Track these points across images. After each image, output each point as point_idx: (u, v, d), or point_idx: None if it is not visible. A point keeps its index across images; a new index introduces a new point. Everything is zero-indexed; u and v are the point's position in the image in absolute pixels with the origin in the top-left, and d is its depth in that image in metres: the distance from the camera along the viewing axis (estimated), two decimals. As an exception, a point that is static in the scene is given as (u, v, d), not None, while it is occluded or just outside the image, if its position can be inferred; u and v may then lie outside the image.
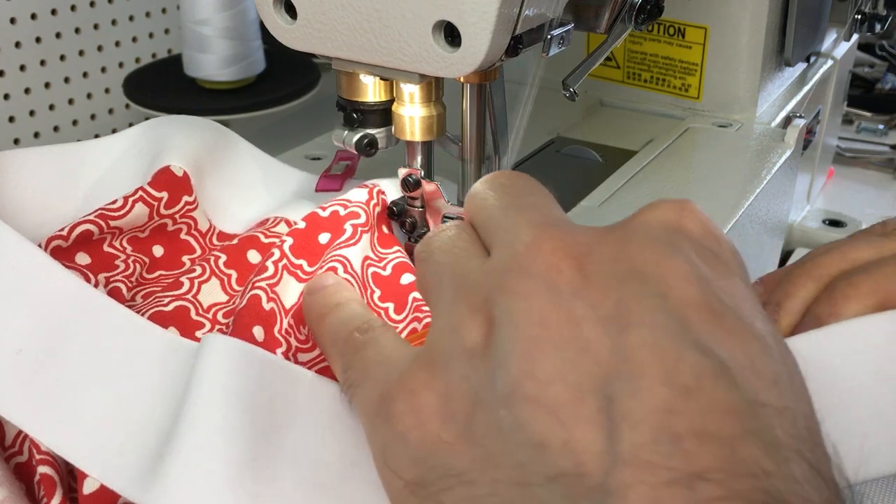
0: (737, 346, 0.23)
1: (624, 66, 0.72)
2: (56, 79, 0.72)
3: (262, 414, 0.32)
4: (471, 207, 0.31)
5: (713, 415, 0.21)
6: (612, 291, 0.24)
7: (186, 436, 0.31)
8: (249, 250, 0.46)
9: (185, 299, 0.42)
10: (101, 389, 0.35)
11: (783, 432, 0.22)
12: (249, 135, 0.71)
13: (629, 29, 0.44)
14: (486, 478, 0.23)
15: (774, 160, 0.59)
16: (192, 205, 0.49)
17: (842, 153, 0.93)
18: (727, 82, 0.68)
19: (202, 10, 0.66)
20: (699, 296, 0.24)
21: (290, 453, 0.31)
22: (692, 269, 0.24)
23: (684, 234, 0.26)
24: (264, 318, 0.40)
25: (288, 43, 0.42)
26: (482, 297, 0.26)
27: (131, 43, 0.77)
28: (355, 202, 0.46)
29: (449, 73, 0.38)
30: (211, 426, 0.31)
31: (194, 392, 0.32)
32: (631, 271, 0.25)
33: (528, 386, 0.23)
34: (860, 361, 0.29)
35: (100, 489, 0.33)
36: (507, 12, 0.36)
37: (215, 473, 0.30)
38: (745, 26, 0.66)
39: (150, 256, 0.47)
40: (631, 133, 0.67)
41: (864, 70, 1.06)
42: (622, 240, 0.26)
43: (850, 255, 0.34)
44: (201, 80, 0.69)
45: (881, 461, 0.27)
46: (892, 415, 0.28)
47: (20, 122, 0.70)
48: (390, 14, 0.38)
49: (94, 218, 0.44)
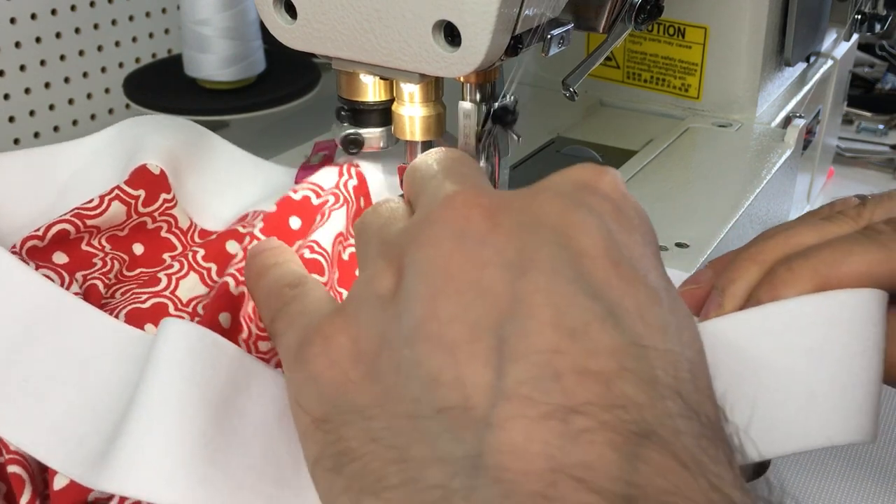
0: (627, 293, 0.24)
1: (624, 66, 0.72)
2: (56, 79, 0.72)
3: (215, 399, 0.32)
4: (406, 178, 0.32)
5: (595, 356, 0.23)
6: (516, 239, 0.25)
7: (138, 418, 0.31)
8: (228, 241, 0.46)
9: (162, 296, 0.42)
10: (67, 387, 0.36)
11: (663, 373, 0.23)
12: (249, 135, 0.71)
13: (629, 29, 0.44)
14: (385, 413, 0.25)
15: (774, 160, 0.59)
16: (170, 202, 0.49)
17: (842, 153, 0.93)
18: (727, 82, 0.68)
19: (202, 10, 0.66)
20: (597, 245, 0.25)
21: (241, 440, 0.32)
22: (593, 221, 0.26)
23: (592, 190, 0.27)
24: (232, 304, 0.41)
25: (288, 43, 0.42)
26: (398, 251, 0.27)
27: (131, 43, 0.77)
28: (328, 189, 0.46)
29: (449, 73, 0.38)
30: (162, 408, 0.31)
31: (148, 376, 0.32)
32: (535, 221, 0.26)
33: (430, 326, 0.24)
34: (793, 340, 0.30)
35: (69, 485, 0.33)
36: (507, 12, 0.36)
37: (166, 455, 0.30)
38: (745, 26, 0.66)
39: (129, 255, 0.47)
40: (631, 133, 0.67)
41: (864, 70, 1.06)
42: (533, 193, 0.27)
43: (792, 239, 0.34)
44: (201, 80, 0.69)
45: (812, 436, 0.28)
46: (823, 393, 0.28)
47: (20, 122, 0.70)
48: (390, 14, 0.38)
49: (69, 217, 0.44)
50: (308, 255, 0.43)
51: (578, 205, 0.26)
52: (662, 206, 0.52)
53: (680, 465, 0.21)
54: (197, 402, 0.31)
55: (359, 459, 0.24)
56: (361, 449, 0.24)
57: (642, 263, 0.26)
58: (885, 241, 0.32)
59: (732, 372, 0.28)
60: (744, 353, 0.29)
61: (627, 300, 0.24)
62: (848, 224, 0.35)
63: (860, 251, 0.32)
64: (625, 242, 0.26)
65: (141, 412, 0.31)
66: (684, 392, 0.23)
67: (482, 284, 0.24)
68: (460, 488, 0.22)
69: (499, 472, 0.21)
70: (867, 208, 0.36)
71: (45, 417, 0.34)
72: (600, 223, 0.26)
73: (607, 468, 0.21)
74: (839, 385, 0.29)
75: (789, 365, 0.29)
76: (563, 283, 0.24)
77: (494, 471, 0.21)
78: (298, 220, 0.45)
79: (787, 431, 0.28)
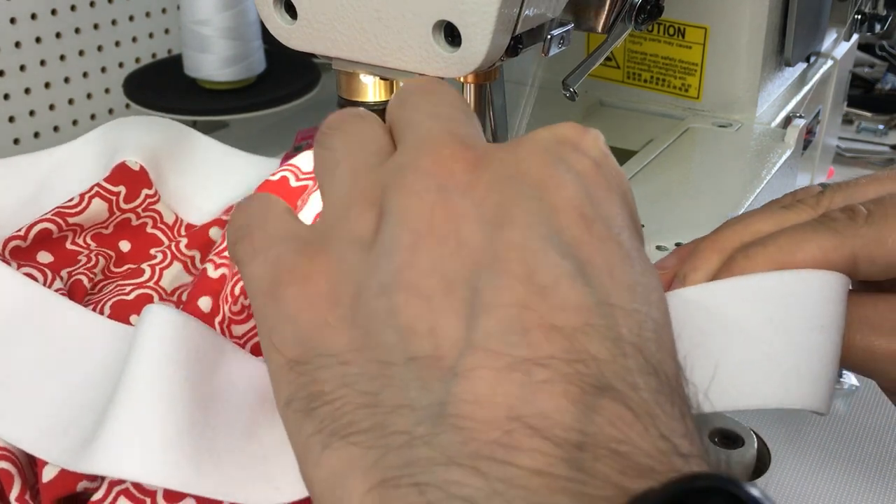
0: (599, 251, 0.25)
1: (624, 66, 0.72)
2: (56, 79, 0.72)
3: (198, 381, 0.33)
4: (392, 103, 0.32)
5: (562, 312, 0.23)
6: (495, 193, 0.26)
7: (123, 401, 0.31)
8: (211, 228, 0.47)
9: (146, 287, 0.42)
10: (51, 381, 0.36)
11: (628, 331, 0.24)
12: (249, 135, 0.71)
13: (629, 29, 0.44)
14: (359, 358, 0.25)
15: (774, 160, 0.59)
16: (153, 198, 0.49)
17: (842, 153, 0.93)
18: (727, 82, 0.68)
19: (202, 10, 0.66)
20: (572, 202, 0.26)
21: (224, 420, 0.32)
22: (571, 178, 0.26)
23: (574, 147, 0.28)
24: (212, 288, 0.41)
25: (288, 43, 0.42)
26: (378, 192, 0.27)
27: (131, 43, 0.77)
28: (307, 172, 0.46)
29: (449, 73, 0.38)
30: (146, 391, 0.31)
31: (132, 361, 0.33)
32: (515, 176, 0.26)
33: (408, 275, 0.25)
34: (755, 309, 0.31)
35: (57, 476, 0.33)
36: (507, 12, 0.36)
37: (151, 435, 0.30)
38: (745, 26, 0.66)
39: (116, 252, 0.47)
40: (631, 133, 0.67)
41: (864, 70, 1.06)
42: (515, 148, 0.28)
43: (752, 227, 0.35)
44: (201, 80, 0.69)
45: (768, 396, 0.30)
46: (781, 359, 0.30)
47: (20, 122, 0.70)
48: (390, 14, 0.38)
49: (51, 216, 0.45)
50: None
51: (558, 160, 0.27)
52: (662, 206, 0.52)
53: (634, 417, 0.22)
54: (180, 384, 0.32)
55: (330, 403, 0.25)
56: (334, 393, 0.25)
57: (616, 222, 0.27)
58: (840, 229, 0.33)
59: (696, 335, 0.30)
60: (708, 318, 0.30)
61: (598, 258, 0.25)
62: (806, 212, 0.36)
63: (815, 238, 0.33)
64: (600, 200, 0.27)
65: (126, 395, 0.32)
66: (646, 350, 0.24)
67: (459, 237, 0.25)
68: (423, 434, 0.22)
69: (460, 420, 0.22)
70: (826, 196, 0.36)
71: (31, 411, 0.35)
72: (577, 180, 0.27)
73: (562, 418, 0.22)
74: (797, 354, 0.30)
75: (751, 331, 0.30)
76: (536, 239, 0.25)
77: (456, 419, 0.22)
78: None
79: (744, 391, 0.29)
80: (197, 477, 0.31)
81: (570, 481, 0.21)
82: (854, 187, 0.36)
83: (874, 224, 0.33)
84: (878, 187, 0.36)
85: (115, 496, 0.32)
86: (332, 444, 0.24)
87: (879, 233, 0.33)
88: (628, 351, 0.23)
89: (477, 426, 0.22)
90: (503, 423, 0.22)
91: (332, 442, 0.24)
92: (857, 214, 0.33)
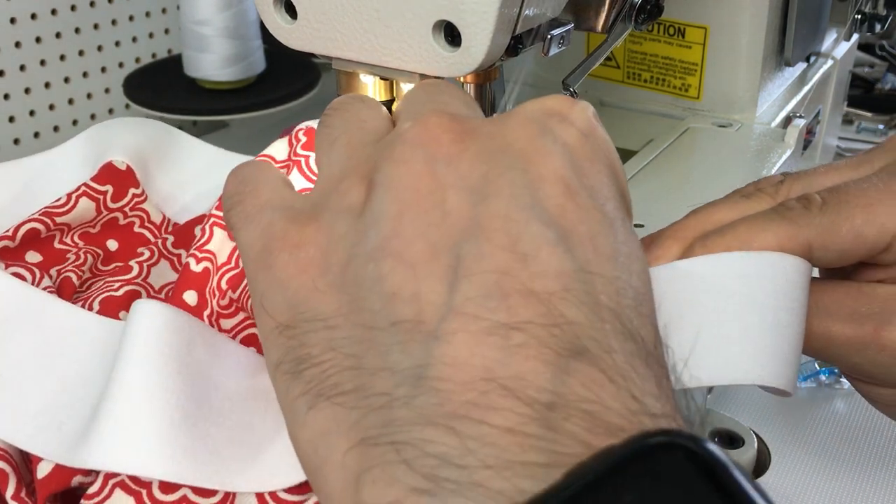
0: (581, 220, 0.26)
1: (624, 66, 0.72)
2: (56, 79, 0.72)
3: (189, 373, 0.33)
4: (399, 102, 0.34)
5: (541, 278, 0.24)
6: (481, 164, 0.26)
7: (116, 395, 0.32)
8: (196, 226, 0.47)
9: (135, 283, 0.43)
10: (43, 378, 0.36)
11: (606, 297, 0.25)
12: (249, 135, 0.71)
13: (629, 29, 0.44)
14: (346, 323, 0.26)
15: (774, 160, 0.59)
16: (140, 197, 0.49)
17: (842, 153, 0.93)
18: (727, 82, 0.68)
19: (202, 10, 0.66)
20: (556, 172, 0.26)
21: (217, 411, 0.33)
22: (557, 148, 0.27)
23: (561, 118, 0.28)
24: (196, 282, 0.41)
25: (288, 43, 0.42)
26: (371, 165, 0.28)
27: (131, 43, 0.77)
28: (281, 161, 0.46)
29: (449, 73, 0.38)
30: (139, 384, 0.32)
31: (123, 355, 0.33)
32: (502, 147, 0.27)
33: (395, 243, 0.25)
34: (727, 285, 0.32)
35: (52, 471, 0.33)
36: (507, 12, 0.36)
37: (145, 428, 0.31)
38: (745, 26, 0.66)
39: (104, 250, 0.47)
40: (631, 133, 0.67)
41: (864, 70, 1.06)
42: (504, 119, 0.28)
43: (712, 216, 0.36)
44: (201, 80, 0.69)
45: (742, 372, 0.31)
46: (753, 335, 0.31)
47: (20, 122, 0.70)
48: (390, 14, 0.38)
49: (38, 216, 0.45)
50: None
51: (545, 131, 0.28)
52: (662, 207, 0.52)
53: (607, 379, 0.23)
54: (172, 376, 0.32)
55: (317, 366, 0.26)
56: (321, 356, 0.26)
57: (601, 193, 0.27)
58: (795, 218, 0.34)
59: (675, 307, 0.31)
60: (686, 292, 0.32)
61: (581, 227, 0.26)
62: (765, 201, 0.36)
63: (771, 227, 0.34)
64: (586, 171, 0.27)
65: (118, 389, 0.32)
66: (624, 316, 0.25)
67: (445, 206, 0.26)
68: (403, 396, 0.23)
69: (438, 382, 0.23)
70: (785, 185, 0.37)
71: (24, 408, 0.35)
72: (563, 150, 0.27)
73: (536, 379, 0.22)
74: (769, 332, 0.31)
75: (725, 306, 0.31)
76: (519, 208, 0.25)
77: (435, 381, 0.23)
78: None
79: (721, 364, 0.30)
80: (192, 467, 0.31)
81: (540, 439, 0.21)
82: (813, 176, 0.37)
83: (828, 213, 0.34)
84: (836, 176, 0.36)
85: (111, 489, 0.32)
86: (317, 405, 0.25)
87: (833, 221, 0.33)
88: (605, 316, 0.24)
89: (454, 388, 0.22)
90: (479, 384, 0.22)
91: (318, 402, 0.25)
92: (811, 203, 0.34)
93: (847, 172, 0.36)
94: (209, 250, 0.42)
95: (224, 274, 0.43)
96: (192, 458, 0.31)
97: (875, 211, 0.33)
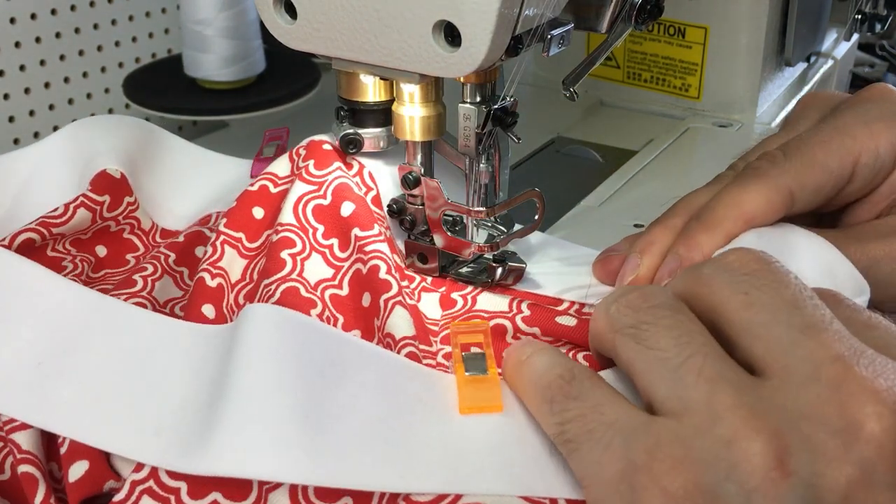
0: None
1: (624, 66, 0.72)
2: (56, 79, 0.72)
3: (310, 375, 0.33)
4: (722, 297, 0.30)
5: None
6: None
7: (237, 400, 0.32)
8: (197, 247, 0.47)
9: (140, 296, 0.43)
10: (127, 382, 0.36)
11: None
12: (249, 135, 0.71)
13: (629, 29, 0.44)
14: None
15: (774, 160, 0.59)
16: (133, 205, 0.50)
17: (842, 153, 0.93)
18: (727, 82, 0.68)
19: (202, 10, 0.66)
20: None
21: (341, 407, 0.32)
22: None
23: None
24: (212, 296, 0.42)
25: (288, 43, 0.42)
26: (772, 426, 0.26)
27: (131, 43, 0.77)
28: (283, 177, 0.47)
29: (449, 73, 0.38)
30: (261, 389, 0.32)
31: (240, 360, 0.33)
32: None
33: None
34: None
35: (86, 474, 0.33)
36: (507, 12, 0.36)
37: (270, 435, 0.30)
38: (745, 26, 0.66)
39: (94, 256, 0.48)
40: (631, 133, 0.67)
41: (864, 70, 1.06)
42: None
43: (692, 203, 0.41)
44: (201, 80, 0.69)
45: None
46: None
47: (20, 122, 0.70)
48: (390, 14, 0.38)
49: (35, 226, 0.45)
50: (275, 237, 0.43)
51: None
52: (662, 207, 0.52)
53: None
54: (294, 379, 0.32)
55: None
56: None
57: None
58: (767, 171, 0.39)
59: None
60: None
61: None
62: (731, 175, 0.42)
63: (753, 186, 0.39)
64: None
65: (236, 394, 0.32)
66: None
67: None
68: None
69: None
70: (742, 159, 0.43)
71: (115, 415, 0.35)
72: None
73: None
74: None
75: None
76: None
77: None
78: (261, 209, 0.46)
79: None
80: (316, 468, 0.30)
81: None
82: (762, 145, 0.43)
83: (792, 158, 0.39)
84: (785, 136, 0.42)
85: (139, 495, 0.32)
86: None
87: (800, 163, 0.38)
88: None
89: None
90: None
91: None
92: (775, 157, 0.39)
93: (791, 132, 0.42)
94: (221, 267, 0.43)
95: (240, 291, 0.43)
96: (323, 457, 0.30)
97: (830, 145, 0.38)
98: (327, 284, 0.43)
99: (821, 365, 0.27)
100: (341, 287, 0.43)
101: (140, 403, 0.35)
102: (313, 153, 0.46)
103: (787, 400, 0.26)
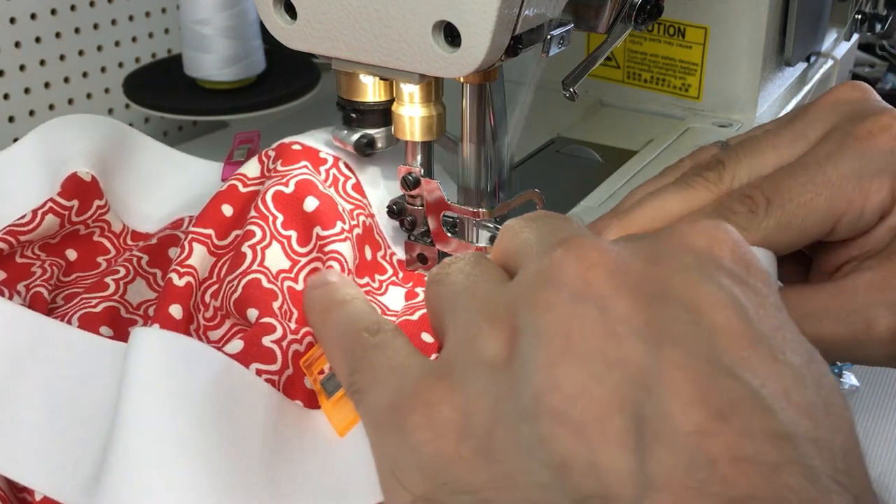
0: (770, 374, 0.22)
1: (624, 66, 0.72)
2: (56, 79, 0.72)
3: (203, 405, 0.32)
4: (503, 238, 0.30)
5: (750, 440, 0.21)
6: (643, 309, 0.23)
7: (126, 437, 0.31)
8: (170, 248, 0.47)
9: (112, 300, 0.43)
10: (60, 414, 0.36)
11: (821, 462, 0.21)
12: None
13: (629, 29, 0.44)
14: (505, 497, 0.22)
15: (774, 160, 0.59)
16: (103, 208, 0.49)
17: (842, 153, 0.93)
18: (727, 82, 0.68)
19: (202, 10, 0.66)
20: (732, 323, 0.23)
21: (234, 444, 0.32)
22: (724, 296, 0.24)
23: (715, 260, 0.25)
24: (180, 295, 0.41)
25: (288, 43, 0.42)
26: (504, 310, 0.25)
27: (131, 43, 0.77)
28: (253, 178, 0.47)
29: (449, 73, 0.38)
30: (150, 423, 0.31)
31: (128, 390, 0.32)
32: (662, 293, 0.24)
33: (552, 399, 0.22)
34: None
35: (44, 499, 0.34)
36: (507, 12, 0.36)
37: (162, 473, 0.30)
38: (745, 26, 0.66)
39: (64, 260, 0.47)
40: (631, 133, 0.67)
41: (865, 70, 1.06)
42: (654, 260, 0.25)
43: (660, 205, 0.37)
44: (201, 80, 0.69)
45: None
46: None
47: (20, 122, 0.70)
48: (390, 14, 0.38)
49: (2, 235, 0.45)
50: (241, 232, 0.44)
51: (706, 278, 0.24)
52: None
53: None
54: (183, 410, 0.31)
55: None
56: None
57: (778, 339, 0.24)
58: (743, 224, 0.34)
59: None
60: None
61: (771, 382, 0.22)
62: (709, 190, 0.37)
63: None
64: (759, 318, 0.24)
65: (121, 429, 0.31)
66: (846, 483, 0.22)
67: (609, 355, 0.22)
68: None
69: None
70: (728, 171, 0.37)
71: (40, 448, 0.35)
72: (732, 299, 0.24)
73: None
74: None
75: None
76: (701, 361, 0.22)
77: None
78: (230, 207, 0.46)
79: None
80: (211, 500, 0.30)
81: None
82: (754, 156, 0.37)
83: (772, 215, 0.34)
84: (774, 157, 0.37)
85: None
86: None
87: (777, 223, 0.34)
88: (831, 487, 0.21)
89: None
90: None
91: None
92: (757, 207, 0.35)
93: (785, 152, 0.37)
94: (190, 265, 0.43)
95: (207, 289, 0.43)
96: (207, 491, 0.30)
97: (814, 206, 0.34)
98: (285, 276, 0.43)
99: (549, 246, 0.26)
100: (297, 281, 0.43)
101: (65, 435, 0.35)
102: (282, 154, 0.47)
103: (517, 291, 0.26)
